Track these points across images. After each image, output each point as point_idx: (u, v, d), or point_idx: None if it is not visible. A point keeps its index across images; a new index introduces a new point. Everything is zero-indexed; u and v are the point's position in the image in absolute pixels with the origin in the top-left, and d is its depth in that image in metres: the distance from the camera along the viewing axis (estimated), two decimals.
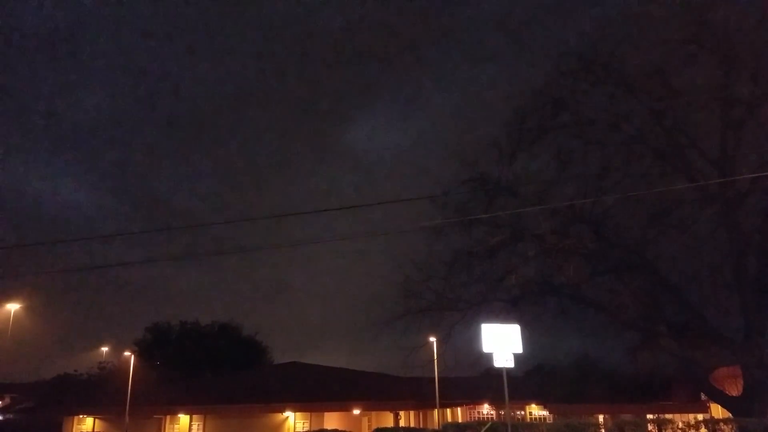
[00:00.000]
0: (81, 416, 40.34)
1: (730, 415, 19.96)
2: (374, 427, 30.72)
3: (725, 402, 21.25)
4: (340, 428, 30.57)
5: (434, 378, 35.83)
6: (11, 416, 48.85)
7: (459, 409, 47.65)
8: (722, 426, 17.78)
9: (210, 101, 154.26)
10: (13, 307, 33.44)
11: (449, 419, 43.79)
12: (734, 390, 22.53)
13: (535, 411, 43.99)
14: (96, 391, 45.80)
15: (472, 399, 46.36)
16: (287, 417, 36.46)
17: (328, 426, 33.56)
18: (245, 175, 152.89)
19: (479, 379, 42.61)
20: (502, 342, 15.22)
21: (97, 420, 40.05)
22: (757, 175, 17.27)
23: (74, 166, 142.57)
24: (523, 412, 44.15)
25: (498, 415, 43.84)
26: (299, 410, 36.23)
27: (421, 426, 39.76)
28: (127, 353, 44.42)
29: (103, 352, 54.90)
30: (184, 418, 38.56)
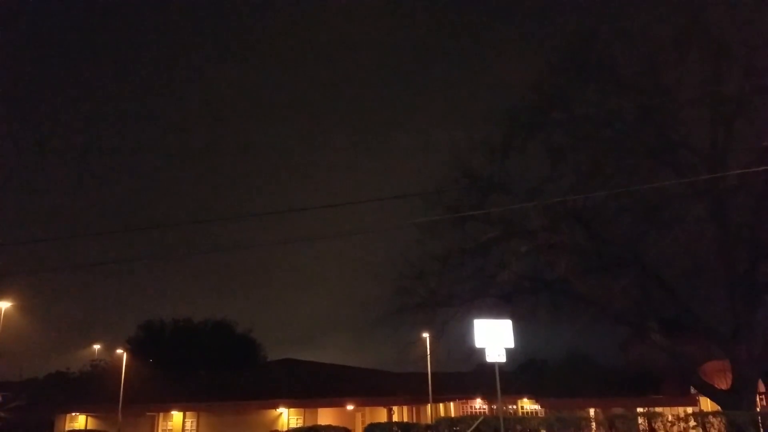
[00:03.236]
0: (73, 414, 40.23)
1: (719, 408, 20.19)
2: (368, 422, 30.83)
3: (714, 395, 21.49)
4: (333, 424, 30.61)
5: (427, 373, 36.03)
6: (3, 415, 48.59)
7: (452, 403, 47.81)
8: (711, 419, 17.97)
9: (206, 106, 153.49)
10: (3, 305, 33.22)
11: (442, 414, 43.94)
12: (723, 383, 22.81)
13: (527, 405, 44.22)
14: (88, 389, 45.63)
15: (465, 394, 46.53)
16: (281, 413, 36.52)
17: (321, 422, 33.64)
18: (244, 176, 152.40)
19: (472, 374, 42.80)
20: (494, 337, 15.33)
21: (89, 418, 39.95)
22: (746, 170, 17.44)
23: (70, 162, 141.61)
24: (515, 407, 44.37)
25: (490, 409, 43.99)
26: (293, 406, 36.29)
27: (415, 421, 39.92)
28: (119, 351, 44.27)
29: (95, 350, 54.66)
30: (177, 416, 38.54)
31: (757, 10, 18.43)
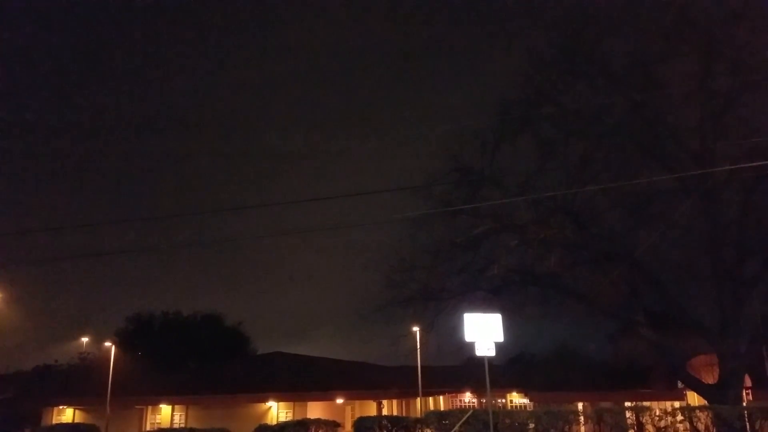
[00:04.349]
0: (61, 407, 39.88)
1: (706, 402, 20.36)
2: (357, 416, 30.84)
3: (701, 390, 21.66)
4: (323, 417, 30.54)
5: (417, 367, 36.10)
6: None
7: (441, 397, 48.06)
8: (698, 413, 18.11)
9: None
10: None
11: (431, 407, 44.13)
12: (710, 378, 23.01)
13: (516, 399, 44.55)
14: (76, 382, 45.31)
15: (455, 387, 46.79)
16: (270, 407, 36.43)
17: (311, 415, 33.56)
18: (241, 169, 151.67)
19: (461, 368, 43.00)
20: (483, 331, 15.35)
21: (77, 411, 39.64)
22: (734, 167, 17.49)
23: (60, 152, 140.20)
24: (504, 400, 44.68)
25: (479, 403, 44.29)
26: (282, 400, 36.19)
27: (404, 415, 40.02)
28: (107, 343, 43.95)
29: (83, 342, 54.21)
30: (166, 409, 38.34)
31: (746, 6, 18.47)
